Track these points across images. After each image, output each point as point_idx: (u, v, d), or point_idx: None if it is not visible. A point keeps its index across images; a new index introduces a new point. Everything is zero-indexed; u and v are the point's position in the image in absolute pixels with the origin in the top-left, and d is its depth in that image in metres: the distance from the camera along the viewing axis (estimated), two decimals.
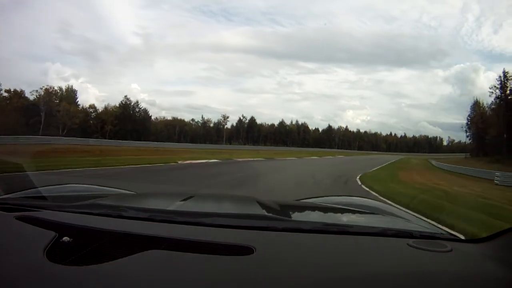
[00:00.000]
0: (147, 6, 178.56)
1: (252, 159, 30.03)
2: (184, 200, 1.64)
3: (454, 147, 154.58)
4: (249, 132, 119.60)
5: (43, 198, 1.49)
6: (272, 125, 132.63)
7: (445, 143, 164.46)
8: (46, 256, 0.83)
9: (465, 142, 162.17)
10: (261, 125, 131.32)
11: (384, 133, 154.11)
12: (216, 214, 1.36)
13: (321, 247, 1.00)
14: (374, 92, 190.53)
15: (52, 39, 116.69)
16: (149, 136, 71.14)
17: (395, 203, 7.89)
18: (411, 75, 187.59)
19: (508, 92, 58.23)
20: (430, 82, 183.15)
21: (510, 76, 58.01)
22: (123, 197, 1.92)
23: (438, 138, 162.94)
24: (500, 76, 59.57)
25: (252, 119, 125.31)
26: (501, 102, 58.15)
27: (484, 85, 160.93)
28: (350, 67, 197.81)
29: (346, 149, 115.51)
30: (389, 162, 39.76)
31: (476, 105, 74.66)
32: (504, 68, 59.70)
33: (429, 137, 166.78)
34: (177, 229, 1.08)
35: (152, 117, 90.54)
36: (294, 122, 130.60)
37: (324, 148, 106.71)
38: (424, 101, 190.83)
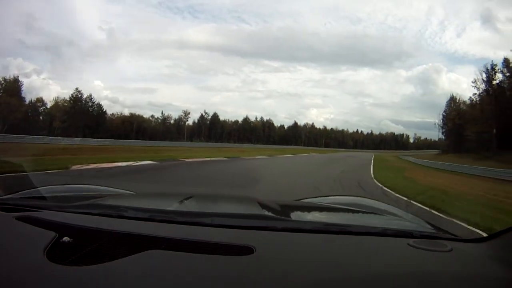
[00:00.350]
0: (113, 0, 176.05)
1: (210, 158, 23.69)
2: (184, 200, 1.64)
3: (420, 144, 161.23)
4: (212, 129, 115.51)
5: (43, 198, 1.49)
6: (236, 121, 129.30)
7: (411, 140, 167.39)
8: (46, 256, 0.83)
9: (431, 139, 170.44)
10: (224, 121, 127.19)
11: (350, 131, 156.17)
12: (216, 214, 1.35)
13: (321, 247, 1.01)
14: (337, 91, 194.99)
15: (14, 33, 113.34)
16: (104, 133, 65.09)
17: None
18: (375, 75, 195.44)
19: (495, 85, 55.10)
20: (393, 82, 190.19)
21: (499, 69, 54.97)
22: (123, 197, 1.92)
23: (404, 135, 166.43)
24: (487, 69, 56.33)
25: (215, 116, 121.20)
26: (490, 96, 54.73)
27: (446, 85, 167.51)
28: (314, 66, 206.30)
29: (313, 146, 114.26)
30: (373, 160, 36.68)
31: (452, 101, 73.68)
32: (492, 61, 57.61)
33: (396, 134, 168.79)
34: (177, 229, 1.08)
35: (110, 113, 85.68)
36: (258, 119, 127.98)
37: (290, 145, 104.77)
38: (386, 100, 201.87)
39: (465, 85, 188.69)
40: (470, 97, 66.78)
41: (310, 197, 2.40)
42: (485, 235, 1.29)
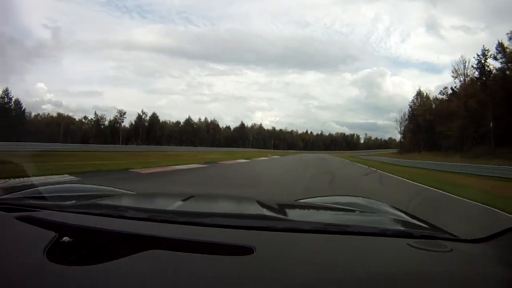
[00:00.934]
0: None
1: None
2: (184, 200, 1.64)
3: (371, 144, 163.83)
4: (151, 132, 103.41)
5: (43, 198, 1.48)
6: (178, 123, 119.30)
7: (361, 140, 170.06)
8: (46, 256, 0.83)
9: (381, 139, 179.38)
10: (164, 123, 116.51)
11: (299, 132, 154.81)
12: (216, 214, 1.36)
13: (321, 247, 1.00)
14: (282, 93, 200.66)
15: None
16: (25, 136, 51.70)
17: None
18: (320, 78, 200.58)
19: (489, 72, 49.26)
20: (338, 85, 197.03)
21: (491, 55, 49.19)
22: (123, 197, 1.91)
23: (355, 135, 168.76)
24: (478, 55, 50.92)
25: (154, 116, 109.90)
26: (483, 84, 49.33)
27: (390, 88, 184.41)
28: (260, 69, 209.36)
29: (261, 148, 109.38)
30: (348, 164, 33.82)
31: (419, 96, 70.97)
32: (483, 45, 51.45)
33: (346, 134, 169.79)
34: (177, 229, 1.08)
35: (35, 114, 77.46)
36: (203, 120, 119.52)
37: (238, 147, 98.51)
38: (331, 103, 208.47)
39: (409, 88, 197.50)
40: (442, 90, 64.04)
41: (310, 197, 2.41)
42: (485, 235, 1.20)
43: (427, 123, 63.15)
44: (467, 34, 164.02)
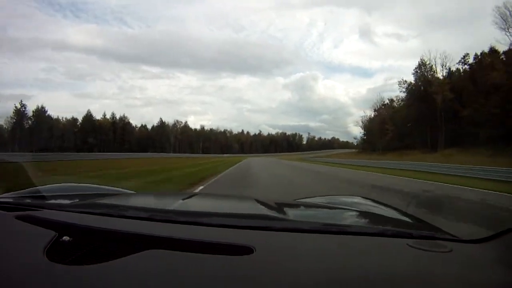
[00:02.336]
0: None
1: None
2: (184, 199, 1.65)
3: (314, 144, 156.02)
4: (35, 132, 71.97)
5: (43, 197, 1.48)
6: (73, 119, 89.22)
7: (304, 141, 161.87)
8: (46, 256, 0.83)
9: (325, 139, 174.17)
10: (57, 120, 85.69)
11: (234, 132, 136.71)
12: (216, 214, 1.35)
13: (321, 247, 1.00)
14: (216, 97, 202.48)
15: None
16: None
17: None
18: (253, 81, 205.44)
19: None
20: (271, 88, 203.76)
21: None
22: (123, 197, 1.91)
23: (297, 135, 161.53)
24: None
25: (39, 111, 78.58)
26: None
27: (322, 91, 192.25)
28: (193, 72, 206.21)
29: (186, 153, 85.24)
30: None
31: (423, 66, 58.41)
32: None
33: (288, 134, 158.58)
34: (177, 229, 1.07)
35: None
36: (109, 116, 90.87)
37: (154, 152, 73.14)
38: (264, 106, 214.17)
39: (340, 91, 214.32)
40: (462, 59, 54.69)
41: (310, 197, 2.41)
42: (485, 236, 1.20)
43: (446, 105, 49.83)
44: (400, 41, 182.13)
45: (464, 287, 0.82)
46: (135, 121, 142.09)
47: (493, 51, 48.36)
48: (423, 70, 57.82)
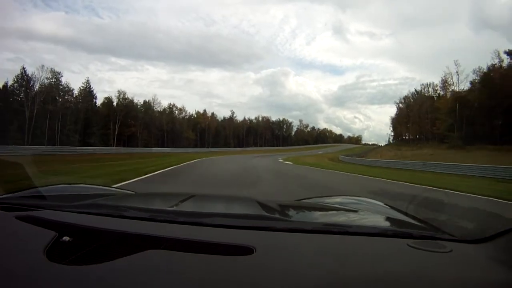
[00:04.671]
0: None
1: None
2: (184, 200, 1.65)
3: (305, 136, 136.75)
4: None
5: (43, 197, 1.49)
6: None
7: (293, 131, 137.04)
8: (46, 256, 0.83)
9: (318, 129, 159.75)
10: None
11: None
12: (216, 214, 1.35)
13: (321, 247, 1.00)
14: (185, 91, 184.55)
15: None
16: None
17: None
18: (224, 76, 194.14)
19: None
20: (242, 83, 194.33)
21: None
22: (123, 197, 1.92)
23: (286, 122, 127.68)
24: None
25: None
26: None
27: (293, 87, 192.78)
28: (162, 65, 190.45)
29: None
30: None
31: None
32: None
33: (272, 120, 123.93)
34: (177, 229, 1.08)
35: None
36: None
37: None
38: (234, 101, 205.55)
39: (311, 88, 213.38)
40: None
41: (310, 197, 2.39)
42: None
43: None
44: (372, 40, 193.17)
45: (464, 287, 0.82)
46: None
47: None
48: None
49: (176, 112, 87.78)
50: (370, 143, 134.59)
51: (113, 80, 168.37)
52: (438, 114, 60.26)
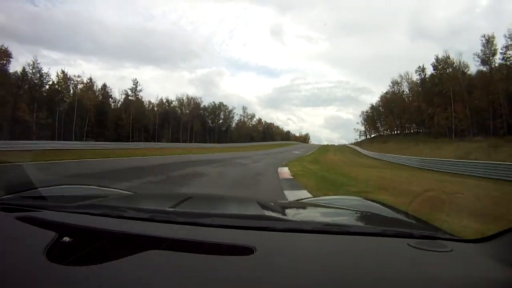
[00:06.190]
0: None
1: None
2: (184, 200, 1.65)
3: (247, 131, 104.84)
4: None
5: (43, 198, 1.49)
6: None
7: (234, 123, 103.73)
8: (46, 256, 0.83)
9: (265, 122, 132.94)
10: None
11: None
12: (216, 215, 1.35)
13: (322, 247, 1.00)
14: (116, 89, 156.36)
15: None
16: None
17: None
18: (158, 74, 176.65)
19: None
20: (176, 83, 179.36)
21: None
22: (123, 198, 1.92)
23: (225, 109, 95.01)
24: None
25: None
26: None
27: (227, 88, 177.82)
28: (95, 60, 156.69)
29: None
30: None
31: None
32: None
33: (204, 105, 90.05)
34: (177, 229, 1.08)
35: None
36: None
37: None
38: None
39: (246, 89, 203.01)
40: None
41: (310, 197, 2.42)
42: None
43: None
44: (309, 43, 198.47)
45: (464, 287, 0.83)
46: None
47: None
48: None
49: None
50: (321, 144, 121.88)
51: (43, 74, 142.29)
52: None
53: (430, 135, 62.16)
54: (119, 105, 69.01)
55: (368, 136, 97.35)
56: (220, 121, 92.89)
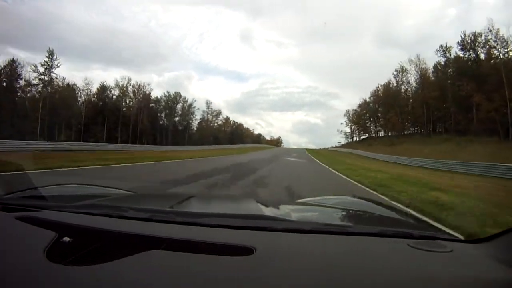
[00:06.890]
0: None
1: None
2: (184, 200, 1.66)
3: (210, 134, 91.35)
4: None
5: (43, 198, 1.48)
6: None
7: (194, 126, 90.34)
8: (46, 256, 0.83)
9: (234, 122, 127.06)
10: None
11: None
12: (216, 214, 1.35)
13: (322, 248, 1.00)
14: (84, 91, 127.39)
15: None
16: None
17: None
18: (126, 76, 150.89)
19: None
20: (143, 85, 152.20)
21: None
22: (123, 197, 1.91)
23: (183, 101, 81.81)
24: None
25: None
26: None
27: (196, 92, 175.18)
28: (62, 60, 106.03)
29: None
30: None
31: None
32: None
33: (157, 97, 77.88)
34: (177, 229, 1.07)
35: None
36: None
37: None
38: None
39: (214, 93, 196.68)
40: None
41: (310, 197, 2.40)
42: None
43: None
44: (279, 48, 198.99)
45: (464, 287, 0.83)
46: None
47: None
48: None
49: None
50: (295, 147, 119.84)
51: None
52: None
53: (467, 133, 48.05)
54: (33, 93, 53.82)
55: (357, 138, 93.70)
56: (177, 118, 74.04)
